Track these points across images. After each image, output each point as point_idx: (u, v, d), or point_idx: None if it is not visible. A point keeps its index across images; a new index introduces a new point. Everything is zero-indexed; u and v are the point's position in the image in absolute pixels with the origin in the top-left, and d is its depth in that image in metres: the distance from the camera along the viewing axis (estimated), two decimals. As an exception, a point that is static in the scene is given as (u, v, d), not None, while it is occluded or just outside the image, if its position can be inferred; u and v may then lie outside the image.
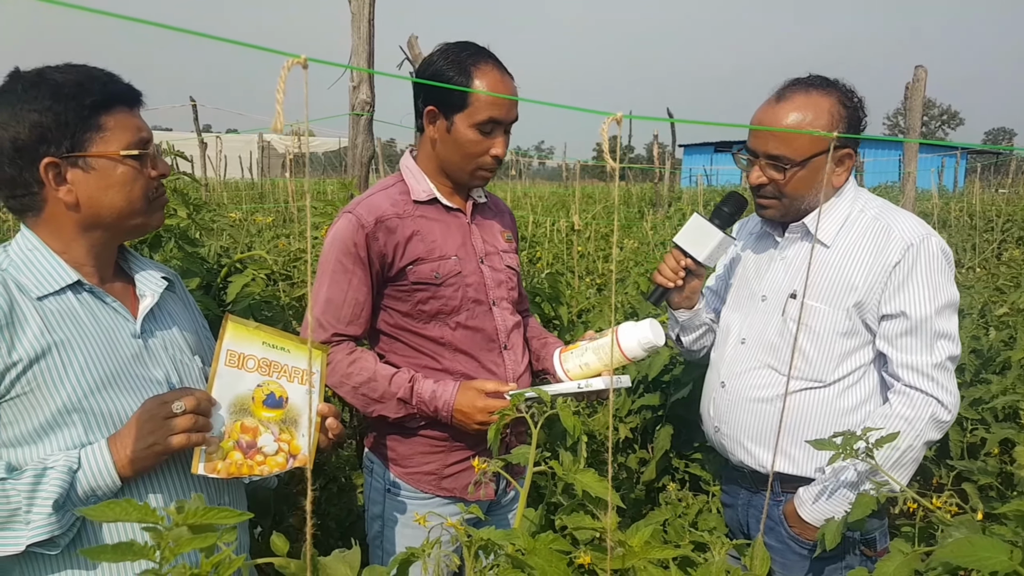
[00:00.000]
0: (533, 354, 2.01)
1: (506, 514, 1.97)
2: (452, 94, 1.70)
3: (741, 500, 1.97)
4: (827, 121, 1.70)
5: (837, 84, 1.75)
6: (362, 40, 2.23)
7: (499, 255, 1.91)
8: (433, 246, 1.77)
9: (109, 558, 0.58)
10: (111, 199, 1.30)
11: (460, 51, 1.74)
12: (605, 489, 1.15)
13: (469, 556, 0.94)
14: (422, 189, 1.81)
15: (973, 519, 1.09)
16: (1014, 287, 3.98)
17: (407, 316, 1.79)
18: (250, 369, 1.34)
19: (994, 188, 17.01)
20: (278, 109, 0.57)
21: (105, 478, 1.21)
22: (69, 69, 1.28)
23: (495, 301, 1.86)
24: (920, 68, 5.07)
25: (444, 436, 1.82)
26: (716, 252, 1.87)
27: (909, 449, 1.68)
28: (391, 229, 1.73)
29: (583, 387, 1.69)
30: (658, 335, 1.75)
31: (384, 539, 1.87)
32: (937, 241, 1.71)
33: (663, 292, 1.95)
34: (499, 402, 1.69)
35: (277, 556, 0.75)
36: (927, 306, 1.67)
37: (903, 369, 1.70)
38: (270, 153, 20.26)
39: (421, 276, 1.75)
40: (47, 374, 1.21)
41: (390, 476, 1.85)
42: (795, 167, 1.71)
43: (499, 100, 1.71)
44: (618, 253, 4.92)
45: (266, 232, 4.56)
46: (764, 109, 1.77)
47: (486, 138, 1.74)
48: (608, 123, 0.69)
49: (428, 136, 1.80)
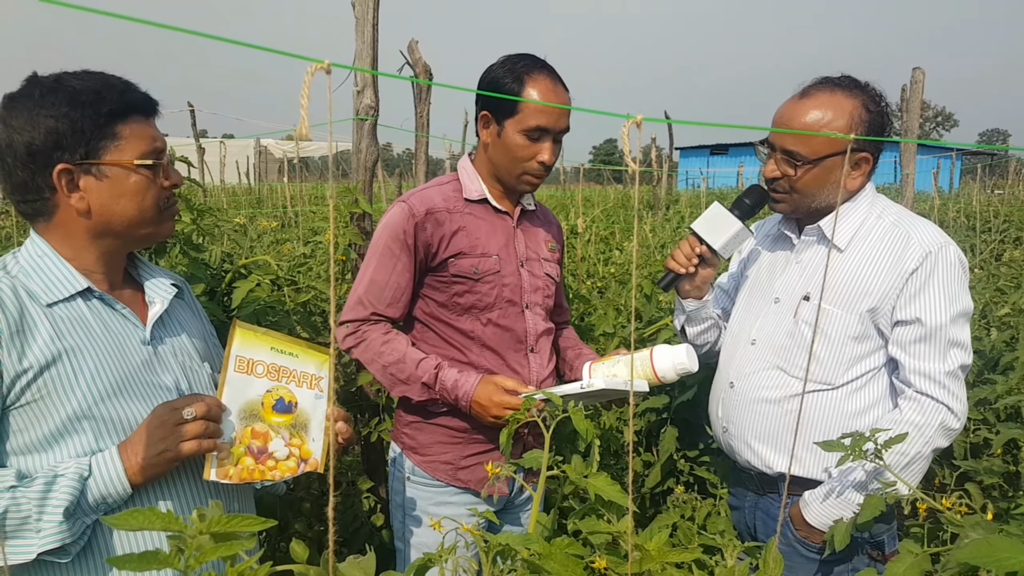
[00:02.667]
0: (567, 363, 2.08)
1: (519, 513, 1.99)
2: (504, 101, 1.78)
3: (748, 502, 1.97)
4: (846, 123, 1.70)
5: (865, 87, 1.75)
6: (366, 44, 2.24)
7: (540, 262, 1.97)
8: (476, 243, 1.85)
9: (135, 567, 0.58)
10: (123, 208, 1.30)
11: (517, 61, 1.82)
12: (618, 493, 1.15)
13: (487, 561, 0.94)
14: (474, 188, 1.89)
15: (984, 519, 1.09)
16: (1015, 288, 4.00)
17: (442, 307, 1.86)
18: (259, 374, 1.34)
19: (990, 189, 17.09)
20: (303, 115, 0.57)
21: (116, 485, 1.21)
22: (87, 76, 1.28)
23: (528, 304, 1.92)
24: (918, 70, 5.09)
25: (463, 428, 1.87)
26: (732, 243, 1.88)
27: (918, 456, 1.68)
28: (439, 222, 1.81)
29: (585, 387, 1.72)
30: (693, 361, 1.78)
31: (406, 528, 1.93)
32: (955, 250, 1.71)
33: (674, 278, 1.96)
34: (516, 399, 1.72)
35: (296, 563, 0.75)
36: (943, 314, 1.67)
37: (915, 375, 1.70)
38: (267, 158, 20.26)
39: (461, 269, 1.82)
40: (57, 381, 1.21)
41: (409, 464, 1.91)
42: (808, 164, 1.72)
43: (548, 108, 1.77)
44: (619, 256, 4.92)
45: (266, 237, 4.55)
46: (788, 104, 1.78)
47: (534, 144, 1.80)
48: (628, 126, 0.69)
49: (482, 140, 1.88)
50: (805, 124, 1.72)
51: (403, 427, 1.94)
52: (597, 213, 8.38)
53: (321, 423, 1.38)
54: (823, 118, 1.71)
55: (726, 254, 1.90)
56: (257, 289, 2.14)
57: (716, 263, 1.94)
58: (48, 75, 1.27)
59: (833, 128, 1.70)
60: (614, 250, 5.62)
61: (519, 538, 0.96)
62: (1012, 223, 8.92)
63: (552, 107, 1.76)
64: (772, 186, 1.82)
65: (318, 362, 1.40)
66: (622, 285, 4.12)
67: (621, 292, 3.72)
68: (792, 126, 1.73)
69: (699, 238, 1.90)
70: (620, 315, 3.08)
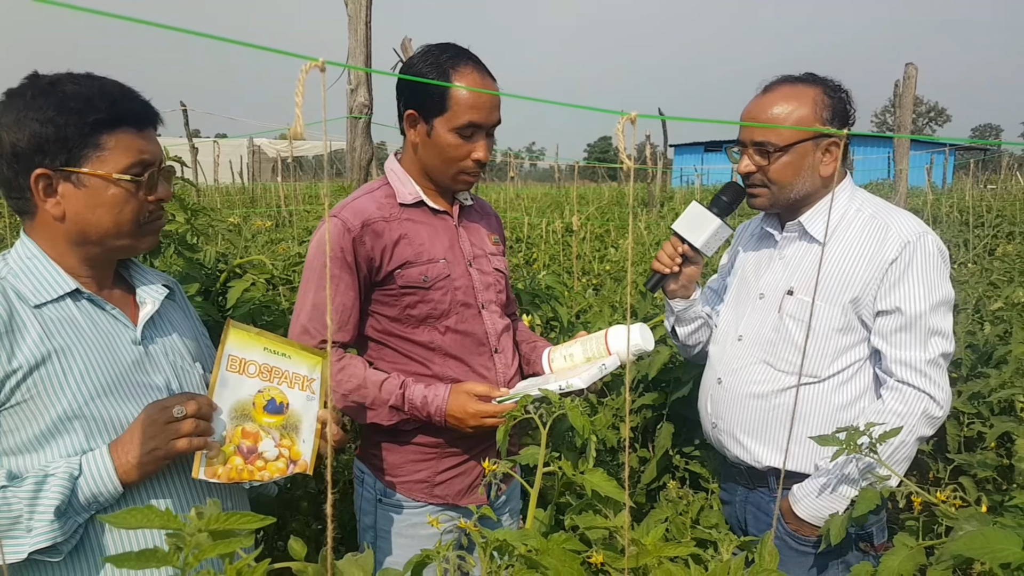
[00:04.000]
0: (523, 358, 2.00)
1: (499, 516, 1.95)
2: (431, 98, 1.67)
3: (738, 497, 1.99)
4: (811, 109, 1.74)
5: (823, 79, 1.80)
6: (359, 43, 2.23)
7: (487, 258, 1.89)
8: (421, 249, 1.74)
9: (133, 565, 0.58)
10: (98, 218, 1.28)
11: (440, 53, 1.71)
12: (615, 488, 1.16)
13: (484, 556, 0.94)
14: (408, 192, 1.78)
15: (979, 512, 1.10)
16: (1008, 282, 4.02)
17: (395, 321, 1.77)
18: (251, 375, 1.34)
19: (982, 184, 17.16)
20: (297, 113, 0.57)
21: (107, 484, 1.20)
22: (84, 81, 1.26)
23: (484, 304, 1.84)
24: (911, 65, 5.11)
25: (435, 443, 1.79)
26: (713, 240, 1.89)
27: (902, 444, 1.69)
28: (378, 232, 1.71)
29: (564, 387, 1.64)
30: (647, 340, 1.77)
31: (378, 549, 1.85)
32: (933, 239, 1.73)
33: (660, 278, 1.98)
34: (490, 407, 1.66)
35: (295, 561, 0.75)
36: (922, 303, 1.69)
37: (896, 365, 1.71)
38: (260, 157, 20.20)
39: (409, 280, 1.72)
40: (47, 381, 1.21)
41: (380, 486, 1.83)
42: (779, 152, 1.75)
43: (479, 103, 1.67)
44: (614, 253, 4.93)
45: (260, 237, 4.54)
46: (753, 101, 1.83)
47: (467, 142, 1.70)
48: (623, 123, 0.69)
49: (410, 140, 1.78)
50: (772, 115, 1.76)
51: (370, 448, 1.84)
52: (592, 211, 8.39)
53: (312, 425, 1.38)
54: (788, 106, 1.76)
55: (708, 251, 1.92)
56: (252, 289, 2.13)
57: (699, 260, 1.96)
58: (47, 76, 1.26)
59: (799, 115, 1.74)
60: (609, 247, 5.63)
61: (516, 533, 0.97)
62: (1005, 218, 8.97)
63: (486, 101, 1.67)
64: (748, 181, 1.84)
65: (310, 364, 1.39)
66: (617, 282, 4.13)
67: (616, 289, 3.72)
68: (760, 119, 1.78)
69: (681, 238, 1.91)
70: (616, 312, 3.09)
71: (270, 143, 21.28)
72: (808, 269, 1.82)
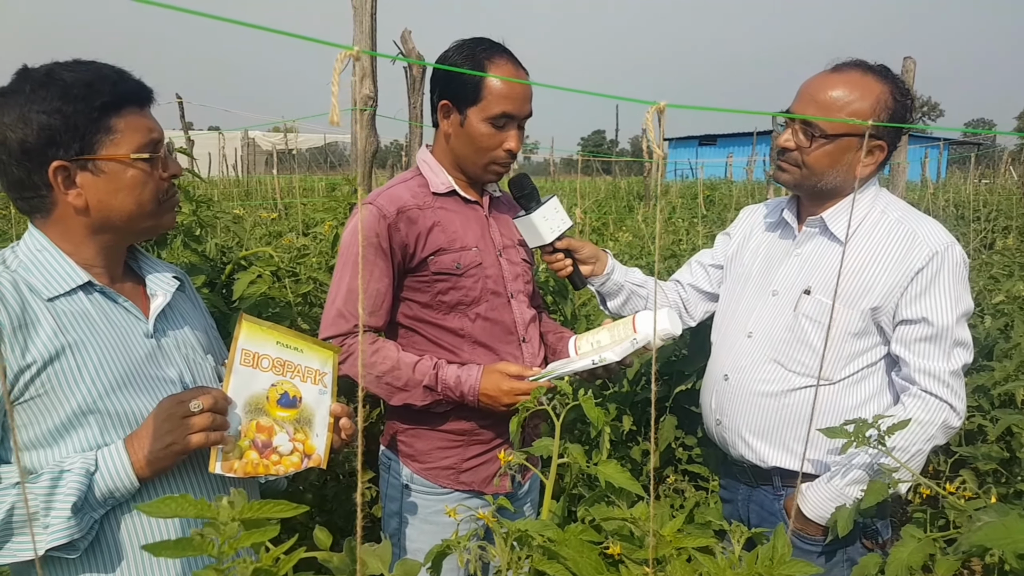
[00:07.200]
0: (549, 348, 2.02)
1: (521, 506, 1.97)
2: (466, 88, 1.71)
3: (741, 495, 1.97)
4: (871, 105, 1.68)
5: (896, 78, 1.73)
6: (365, 34, 2.22)
7: (515, 248, 1.92)
8: (454, 236, 1.78)
9: (170, 553, 0.58)
10: (121, 202, 1.27)
11: (475, 46, 1.74)
12: (629, 480, 1.16)
13: (504, 547, 0.95)
14: (440, 181, 1.82)
15: (995, 503, 1.11)
16: (1008, 276, 4.03)
17: (426, 307, 1.79)
18: (264, 369, 1.33)
19: (977, 178, 17.21)
20: (334, 102, 0.57)
21: (123, 479, 1.20)
22: (79, 67, 1.24)
23: (513, 294, 1.87)
24: (908, 59, 5.11)
25: (462, 430, 1.82)
26: (546, 227, 1.86)
27: (918, 452, 1.68)
28: (412, 220, 1.74)
29: (597, 362, 1.66)
30: (675, 324, 1.75)
31: (403, 536, 1.87)
32: (959, 250, 1.70)
33: (571, 278, 1.97)
34: (524, 384, 1.69)
35: (320, 550, 0.75)
36: (949, 315, 1.67)
37: (920, 374, 1.69)
38: (254, 150, 20.11)
39: (442, 266, 1.75)
40: (62, 375, 1.19)
41: (407, 472, 1.85)
42: (823, 139, 1.70)
43: (512, 93, 1.70)
44: (613, 246, 4.93)
45: (258, 229, 4.52)
46: (818, 75, 1.75)
47: (499, 132, 1.74)
48: (652, 112, 0.69)
49: (443, 131, 1.81)
50: (831, 97, 1.69)
51: (399, 434, 1.87)
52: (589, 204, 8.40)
53: (325, 419, 1.38)
54: (851, 96, 1.69)
55: (555, 235, 1.88)
56: (258, 281, 2.13)
57: (560, 245, 1.91)
58: (38, 67, 1.23)
59: (856, 108, 1.68)
60: (608, 240, 5.63)
61: (535, 524, 0.97)
62: (1001, 212, 9.00)
63: (518, 92, 1.70)
64: (782, 156, 1.80)
65: (322, 358, 1.39)
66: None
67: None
68: (817, 96, 1.71)
69: (539, 249, 1.92)
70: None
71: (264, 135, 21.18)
72: (827, 269, 1.78)
